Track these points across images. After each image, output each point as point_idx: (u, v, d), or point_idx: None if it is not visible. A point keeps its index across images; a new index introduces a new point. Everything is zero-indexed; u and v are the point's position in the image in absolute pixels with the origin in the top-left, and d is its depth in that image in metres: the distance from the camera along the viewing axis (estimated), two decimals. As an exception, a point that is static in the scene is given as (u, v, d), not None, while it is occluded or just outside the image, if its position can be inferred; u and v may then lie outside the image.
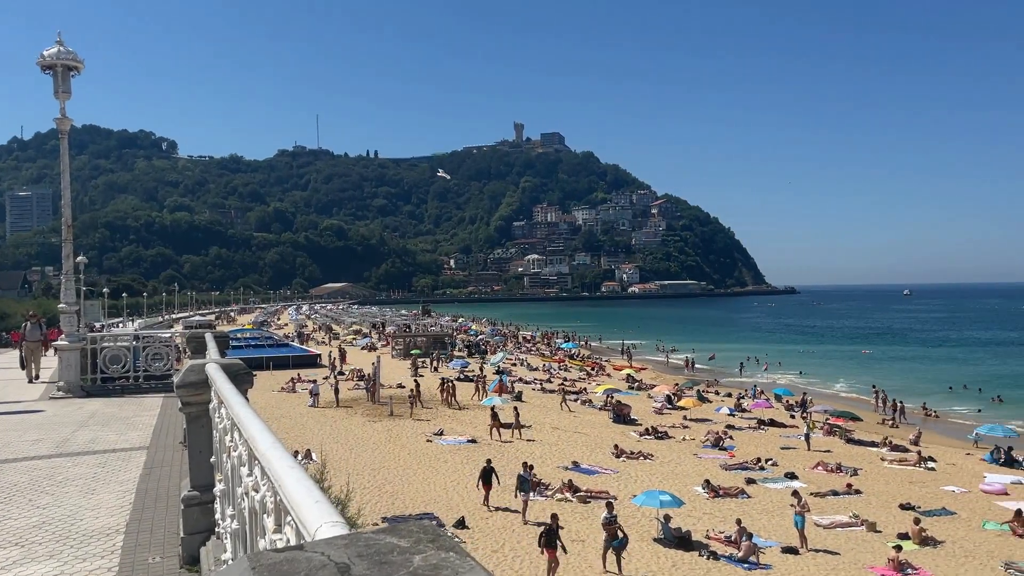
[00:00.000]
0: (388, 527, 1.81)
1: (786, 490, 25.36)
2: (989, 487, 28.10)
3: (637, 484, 26.18)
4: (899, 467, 31.76)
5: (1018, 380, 63.14)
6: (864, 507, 24.85)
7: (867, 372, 67.88)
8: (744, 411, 45.08)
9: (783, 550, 20.01)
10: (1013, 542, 21.82)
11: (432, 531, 1.74)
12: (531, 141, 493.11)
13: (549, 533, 17.44)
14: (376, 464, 27.33)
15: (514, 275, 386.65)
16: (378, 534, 1.78)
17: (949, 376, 64.74)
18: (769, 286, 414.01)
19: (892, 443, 35.67)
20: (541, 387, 51.76)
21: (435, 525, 1.90)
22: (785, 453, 33.70)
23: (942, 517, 24.18)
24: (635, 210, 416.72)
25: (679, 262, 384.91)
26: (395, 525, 1.87)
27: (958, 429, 42.26)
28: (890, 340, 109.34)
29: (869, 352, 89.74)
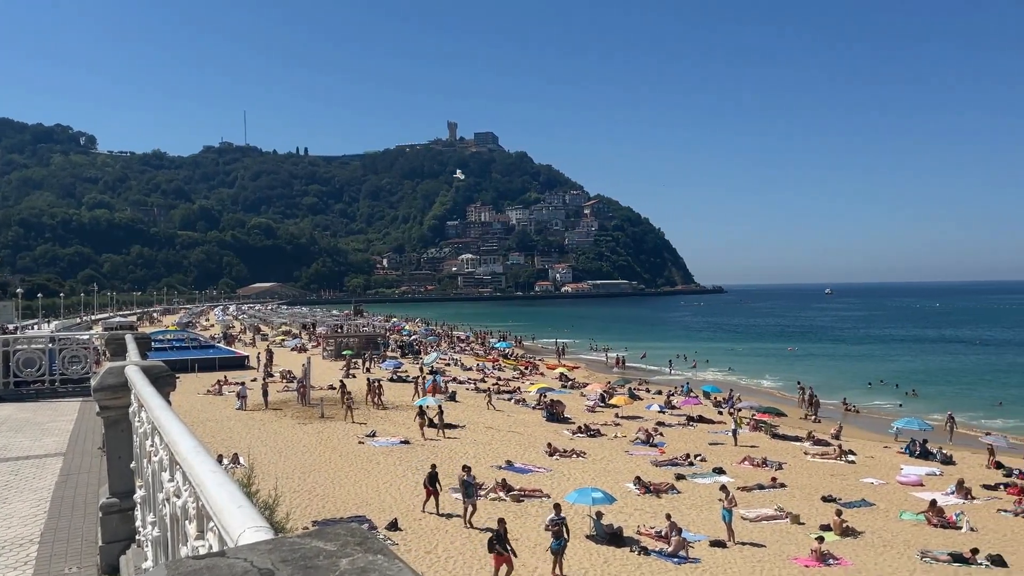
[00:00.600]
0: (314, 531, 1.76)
1: (714, 485, 25.91)
2: (905, 479, 29.29)
3: (570, 482, 26.38)
4: (821, 460, 32.82)
5: (931, 375, 66.09)
6: (788, 500, 25.58)
7: (791, 369, 69.99)
8: (674, 408, 45.90)
9: (711, 543, 20.43)
10: (928, 531, 22.77)
11: (360, 534, 1.69)
12: (465, 140, 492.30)
13: (498, 538, 17.26)
14: (306, 467, 26.84)
15: (448, 275, 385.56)
16: (304, 538, 1.72)
17: (868, 372, 67.25)
18: (698, 286, 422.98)
19: (815, 437, 36.84)
20: (475, 387, 51.70)
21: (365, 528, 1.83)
22: (713, 448, 34.45)
23: (862, 508, 25.08)
24: (568, 210, 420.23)
25: (611, 262, 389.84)
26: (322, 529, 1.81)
27: (877, 423, 43.91)
28: (813, 338, 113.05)
29: (794, 349, 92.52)
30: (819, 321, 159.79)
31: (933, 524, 23.23)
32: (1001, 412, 46.72)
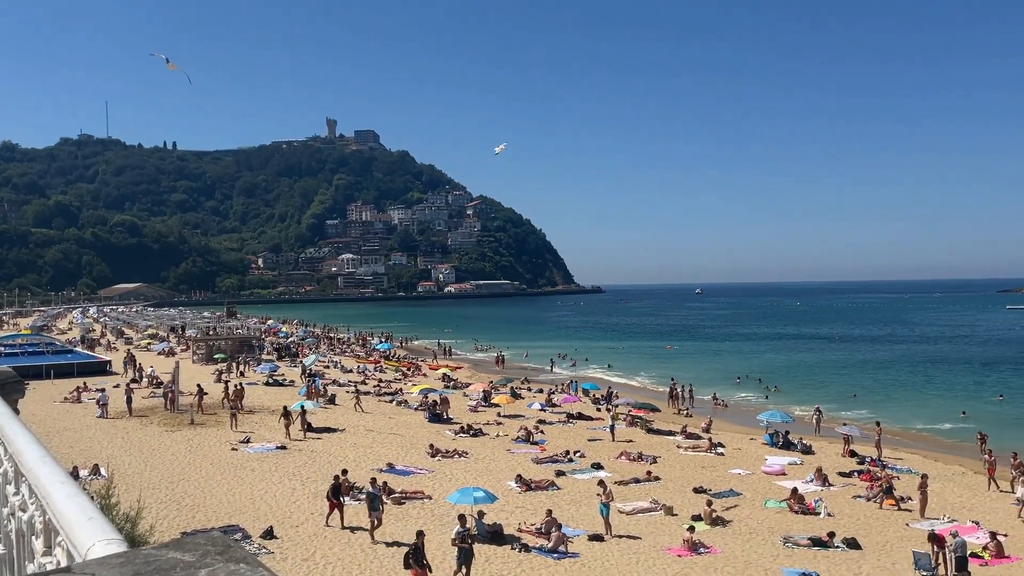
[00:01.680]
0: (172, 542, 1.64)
1: (592, 480, 26.52)
2: (769, 468, 30.92)
3: (452, 482, 26.35)
4: (693, 453, 34.19)
5: (792, 370, 70.12)
6: (662, 492, 26.51)
7: (666, 365, 72.56)
8: (554, 406, 46.65)
9: (590, 538, 20.89)
10: (790, 518, 24.12)
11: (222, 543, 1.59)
12: (345, 138, 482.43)
13: (415, 552, 16.75)
14: (175, 476, 25.59)
15: (327, 275, 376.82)
16: (160, 550, 1.61)
17: (735, 368, 70.58)
18: (577, 286, 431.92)
19: (687, 431, 38.33)
20: (355, 389, 50.82)
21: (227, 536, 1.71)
22: (592, 444, 35.25)
23: (730, 498, 26.29)
24: (451, 210, 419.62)
25: (494, 262, 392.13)
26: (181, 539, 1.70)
27: (744, 416, 46.17)
28: (687, 336, 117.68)
29: (673, 347, 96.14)
30: (691, 320, 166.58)
31: (794, 511, 24.63)
32: (855, 404, 50.07)
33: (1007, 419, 44.01)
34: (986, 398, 52.33)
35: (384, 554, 18.67)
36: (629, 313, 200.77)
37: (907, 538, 21.78)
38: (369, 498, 20.02)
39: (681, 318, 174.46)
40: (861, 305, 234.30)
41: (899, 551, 20.53)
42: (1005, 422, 43.00)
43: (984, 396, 53.21)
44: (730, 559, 19.75)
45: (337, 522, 20.55)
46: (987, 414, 45.66)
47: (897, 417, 44.93)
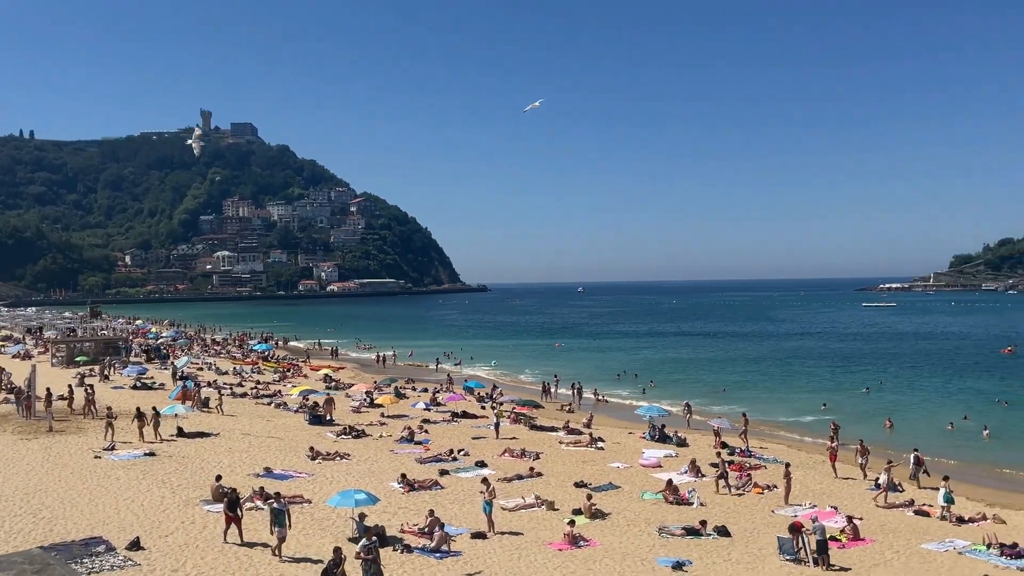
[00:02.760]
0: (-14, 562, 1.49)
1: (476, 478, 26.59)
2: (647, 461, 31.91)
3: (333, 485, 25.81)
4: (575, 448, 34.88)
5: (667, 366, 72.78)
6: (545, 488, 26.89)
7: (551, 363, 73.72)
8: (439, 405, 46.54)
9: (472, 535, 20.93)
10: (665, 508, 24.97)
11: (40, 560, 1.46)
12: (220, 131, 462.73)
13: (334, 566, 15.83)
14: (31, 487, 23.86)
15: (201, 273, 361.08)
16: (-28, 572, 1.46)
17: (615, 364, 72.56)
18: (464, 284, 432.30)
19: (569, 427, 39.06)
20: (231, 391, 49.00)
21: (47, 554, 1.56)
22: (476, 443, 35.36)
23: (609, 491, 26.98)
24: (334, 207, 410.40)
25: (378, 260, 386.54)
26: (-2, 558, 1.55)
27: (623, 411, 47.47)
28: (571, 333, 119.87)
29: (561, 345, 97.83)
30: (574, 318, 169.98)
31: (670, 501, 25.53)
32: (724, 398, 52.40)
33: (869, 410, 47.13)
34: (847, 391, 55.73)
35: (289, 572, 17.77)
36: (515, 312, 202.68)
37: (772, 524, 22.97)
38: (273, 513, 18.89)
39: (565, 316, 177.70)
40: (732, 303, 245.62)
41: (765, 536, 21.62)
42: (867, 413, 46.08)
43: (845, 389, 56.68)
44: (609, 551, 20.24)
45: (236, 537, 19.46)
46: (848, 406, 48.81)
47: (764, 410, 47.36)
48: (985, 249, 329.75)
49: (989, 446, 36.95)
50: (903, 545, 21.39)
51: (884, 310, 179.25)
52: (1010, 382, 58.26)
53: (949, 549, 21.07)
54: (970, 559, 20.18)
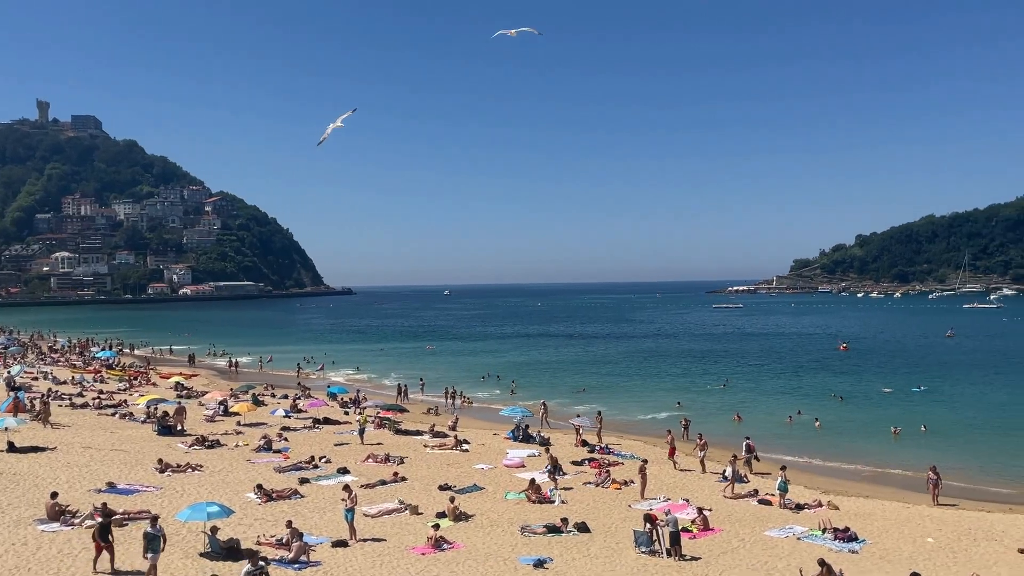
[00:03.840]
0: None
1: (338, 485, 26.02)
2: (510, 461, 32.30)
3: (184, 498, 24.54)
4: (439, 451, 34.79)
5: (532, 367, 73.99)
6: (409, 492, 26.68)
7: (419, 366, 73.25)
8: (300, 411, 45.25)
9: (333, 544, 20.45)
10: (529, 507, 25.34)
11: None
12: (60, 123, 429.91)
13: None
14: None
15: (38, 275, 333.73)
16: None
17: (481, 366, 73.04)
18: (327, 287, 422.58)
19: (435, 430, 38.93)
20: (71, 402, 45.67)
21: None
22: (339, 449, 34.63)
23: (473, 493, 27.10)
24: (187, 207, 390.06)
25: (236, 262, 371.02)
26: None
27: (488, 412, 47.82)
28: (439, 336, 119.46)
29: (434, 348, 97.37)
30: (441, 320, 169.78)
31: (533, 500, 25.93)
32: (584, 397, 53.79)
33: (720, 406, 49.63)
34: (700, 388, 58.46)
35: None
36: (382, 315, 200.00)
37: (629, 518, 23.78)
38: (147, 538, 17.47)
39: (432, 319, 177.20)
40: (593, 305, 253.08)
41: (622, 531, 22.36)
42: (719, 409, 48.55)
43: (698, 386, 59.42)
44: (472, 552, 20.31)
45: (106, 565, 17.92)
46: (701, 402, 51.29)
47: (622, 408, 49.05)
48: (821, 254, 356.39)
49: (822, 437, 39.82)
50: (748, 533, 22.70)
51: (732, 311, 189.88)
52: (844, 377, 63.06)
53: (789, 535, 22.54)
54: (808, 543, 21.67)
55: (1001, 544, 21.79)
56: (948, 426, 41.53)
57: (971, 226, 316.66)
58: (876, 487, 29.68)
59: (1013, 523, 24.03)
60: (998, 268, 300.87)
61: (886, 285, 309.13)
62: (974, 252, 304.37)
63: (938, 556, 20.71)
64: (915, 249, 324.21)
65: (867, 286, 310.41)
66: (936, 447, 36.11)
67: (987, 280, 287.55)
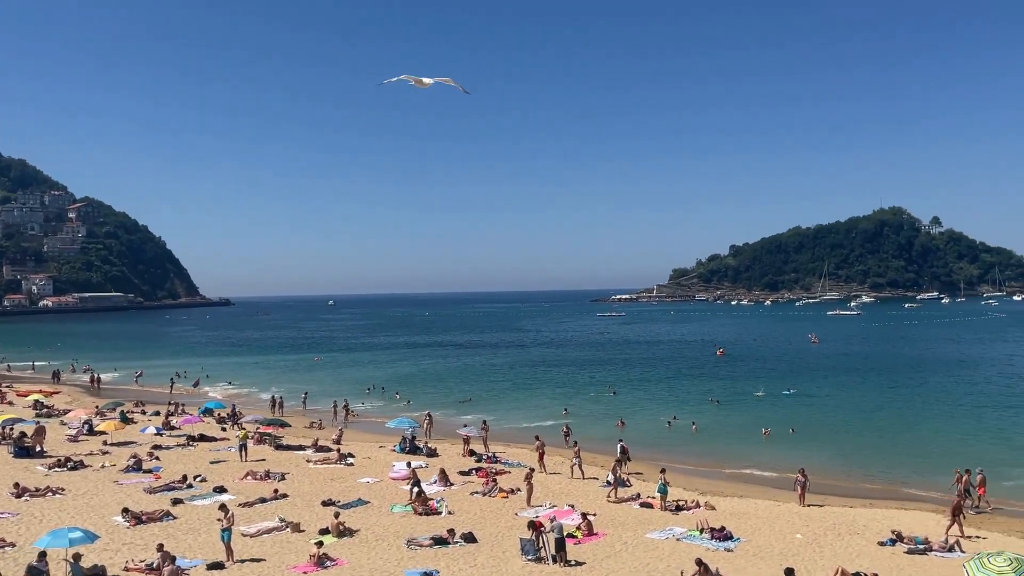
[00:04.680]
0: None
1: (214, 505, 24.91)
2: (397, 474, 31.83)
3: (43, 524, 22.91)
4: (323, 466, 33.92)
5: (419, 377, 73.42)
6: (291, 509, 25.84)
7: (298, 379, 71.26)
8: (173, 429, 43.16)
9: (209, 567, 19.56)
10: (415, 520, 25.03)
11: None
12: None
13: None
14: None
15: None
16: None
17: (366, 377, 71.89)
18: (203, 298, 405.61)
19: (318, 444, 37.93)
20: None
21: None
22: (216, 467, 33.24)
23: (358, 507, 26.54)
24: (48, 213, 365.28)
25: (102, 272, 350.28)
26: None
27: (374, 425, 47.03)
28: (323, 348, 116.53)
29: (321, 359, 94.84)
30: (326, 331, 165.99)
31: (419, 512, 25.64)
32: (471, 407, 53.79)
33: (605, 412, 50.58)
34: (586, 395, 59.41)
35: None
36: (263, 326, 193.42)
37: (516, 526, 23.87)
38: (30, 572, 15.87)
39: (316, 330, 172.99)
40: (482, 314, 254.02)
41: (509, 539, 22.42)
42: (604, 415, 49.46)
43: (584, 393, 60.36)
44: (356, 568, 19.86)
45: None
46: (587, 409, 52.21)
47: (509, 416, 49.31)
48: (698, 264, 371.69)
49: (699, 440, 41.35)
50: (631, 536, 23.23)
51: (615, 320, 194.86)
52: (720, 382, 65.74)
53: (669, 536, 23.22)
54: (687, 544, 22.38)
55: (863, 537, 23.19)
56: (815, 427, 43.95)
57: (833, 237, 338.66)
58: (749, 487, 31.03)
59: (873, 517, 25.65)
60: (857, 277, 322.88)
61: (758, 293, 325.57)
62: (836, 262, 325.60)
63: (806, 551, 21.82)
64: (783, 259, 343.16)
65: (740, 294, 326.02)
66: (804, 447, 38.17)
67: (848, 288, 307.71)
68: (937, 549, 21.74)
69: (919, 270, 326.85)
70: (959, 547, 21.73)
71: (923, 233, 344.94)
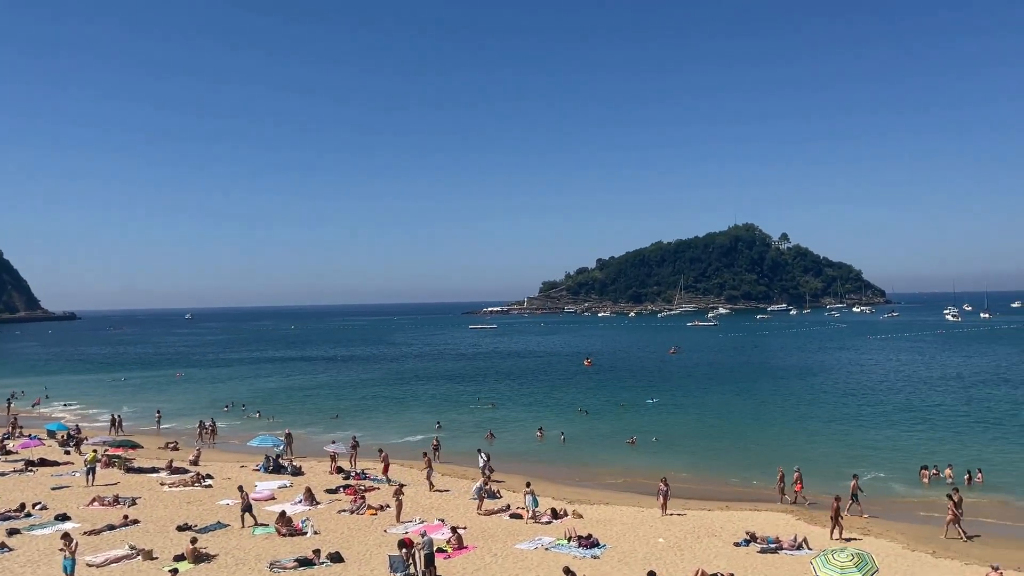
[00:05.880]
0: None
1: (56, 534, 23.12)
2: (259, 495, 30.57)
3: None
4: (179, 489, 32.12)
5: (284, 394, 70.98)
6: (142, 536, 24.30)
7: (155, 397, 67.41)
8: (9, 453, 39.77)
9: (48, 603, 18.04)
10: (279, 541, 24.08)
11: None
12: None
13: None
14: None
15: None
16: None
17: (228, 394, 68.84)
18: (45, 312, 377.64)
19: (173, 466, 35.92)
20: None
21: None
22: (58, 493, 30.87)
23: (217, 531, 25.25)
24: None
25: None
26: None
27: (235, 444, 45.05)
28: (181, 364, 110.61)
29: (182, 375, 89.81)
30: (183, 346, 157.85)
31: (283, 534, 24.69)
32: (338, 424, 52.41)
33: (476, 424, 50.63)
34: (459, 407, 59.15)
35: None
36: (113, 342, 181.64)
37: (385, 543, 23.42)
38: None
39: (174, 345, 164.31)
40: (352, 327, 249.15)
41: (378, 557, 21.95)
42: (475, 427, 49.53)
43: (459, 406, 60.10)
44: (214, 596, 18.86)
45: None
46: (458, 421, 52.07)
47: (379, 432, 48.47)
48: (567, 276, 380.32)
49: (568, 449, 42.13)
50: (500, 548, 23.29)
51: (488, 332, 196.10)
52: (589, 391, 67.27)
53: (538, 546, 23.45)
54: (555, 553, 22.67)
55: (720, 539, 24.26)
56: (676, 434, 45.70)
57: (692, 252, 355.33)
58: (616, 494, 31.83)
59: (729, 519, 26.90)
60: (715, 289, 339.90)
61: (623, 305, 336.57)
62: (695, 275, 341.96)
63: (668, 555, 22.58)
64: (647, 272, 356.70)
65: (607, 306, 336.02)
66: (666, 454, 39.67)
67: (706, 300, 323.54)
68: (787, 547, 23.04)
69: (770, 283, 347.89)
70: (807, 545, 23.12)
71: (773, 248, 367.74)
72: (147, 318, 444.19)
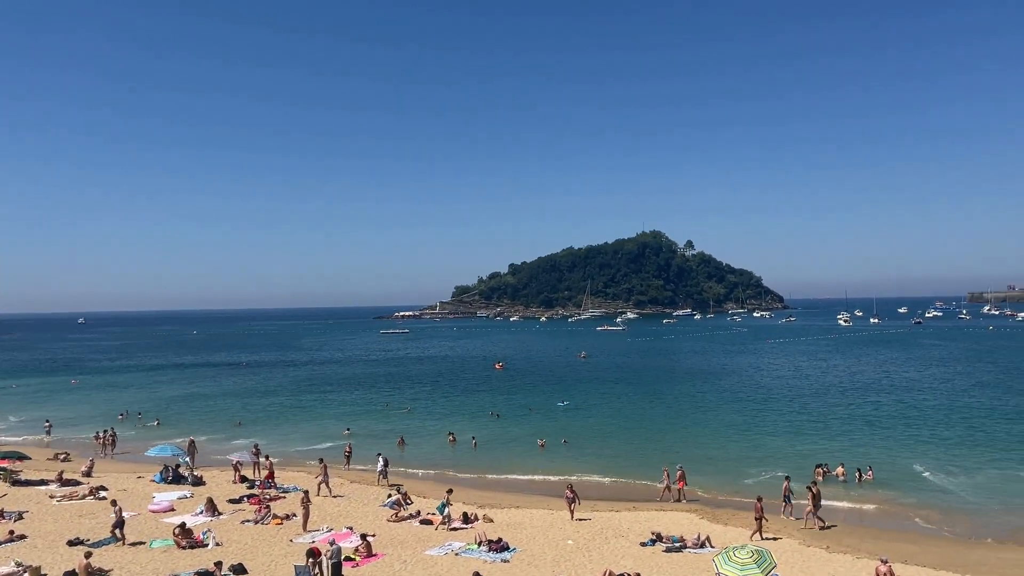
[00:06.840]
0: None
1: (-69, 555, 21.56)
2: (157, 506, 29.42)
3: None
4: (70, 502, 30.56)
5: (183, 401, 68.48)
6: (30, 552, 23.03)
7: (42, 406, 63.90)
8: None
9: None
10: (178, 554, 23.21)
11: None
12: None
13: None
14: None
15: None
16: None
17: (123, 401, 65.98)
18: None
19: (64, 478, 34.16)
20: None
21: None
22: (-67, 511, 28.78)
23: (111, 545, 24.15)
24: None
25: None
26: None
27: (131, 454, 43.15)
28: (74, 371, 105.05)
29: (78, 382, 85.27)
30: (76, 352, 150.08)
31: (182, 546, 23.81)
32: (241, 432, 50.86)
33: (386, 431, 49.93)
34: (370, 413, 58.35)
35: None
36: None
37: (291, 553, 22.90)
38: None
39: (65, 351, 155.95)
40: (259, 332, 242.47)
41: (283, 568, 21.43)
42: (385, 434, 48.82)
43: (370, 412, 59.25)
44: (108, 614, 18.00)
45: None
46: (368, 428, 51.31)
47: (284, 439, 47.37)
48: (479, 281, 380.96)
49: (479, 454, 42.17)
50: (410, 555, 23.10)
51: (400, 336, 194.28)
52: (500, 395, 67.52)
53: (448, 552, 23.38)
54: (464, 558, 22.65)
55: (627, 539, 24.77)
56: (585, 436, 46.35)
57: (602, 258, 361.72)
58: (525, 497, 32.06)
59: (636, 520, 27.49)
60: (623, 295, 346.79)
61: (535, 310, 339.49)
62: (604, 281, 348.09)
63: (577, 556, 22.89)
64: (558, 277, 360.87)
65: (518, 311, 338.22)
66: (576, 456, 40.22)
67: (615, 305, 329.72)
68: (691, 546, 23.71)
69: (676, 289, 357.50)
70: (709, 543, 23.86)
71: (679, 255, 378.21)
72: (34, 322, 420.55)
